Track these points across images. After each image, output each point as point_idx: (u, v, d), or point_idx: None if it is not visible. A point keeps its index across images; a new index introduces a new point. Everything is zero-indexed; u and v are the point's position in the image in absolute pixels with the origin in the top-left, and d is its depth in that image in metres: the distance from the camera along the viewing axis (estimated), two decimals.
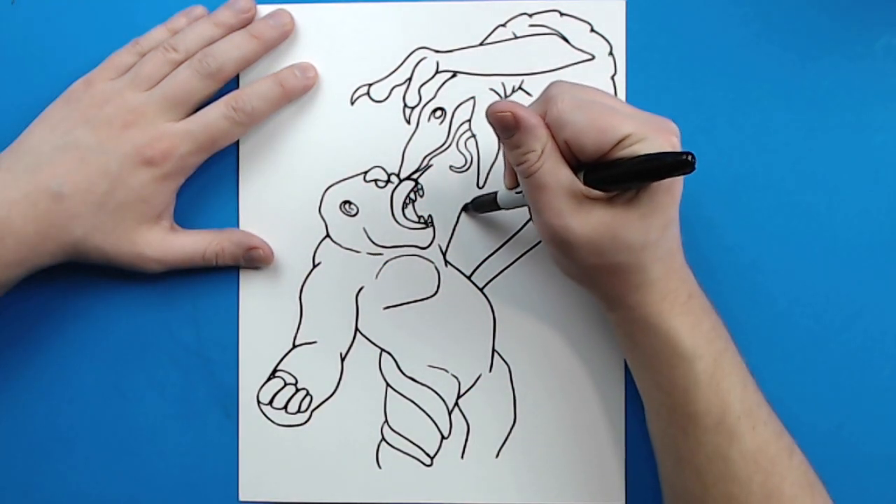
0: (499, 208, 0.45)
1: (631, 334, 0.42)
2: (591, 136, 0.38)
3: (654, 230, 0.39)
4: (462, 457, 0.49)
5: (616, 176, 0.38)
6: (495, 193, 0.45)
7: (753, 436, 0.40)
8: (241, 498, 0.49)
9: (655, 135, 0.38)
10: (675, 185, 0.39)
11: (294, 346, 0.49)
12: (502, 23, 0.49)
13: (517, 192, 0.43)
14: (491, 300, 0.49)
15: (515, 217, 0.48)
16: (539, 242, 0.48)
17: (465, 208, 0.49)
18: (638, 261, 0.40)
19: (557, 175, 0.39)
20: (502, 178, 0.44)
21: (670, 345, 0.41)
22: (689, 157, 0.34)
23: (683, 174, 0.35)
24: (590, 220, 0.39)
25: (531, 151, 0.39)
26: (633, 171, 0.37)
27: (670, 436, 0.42)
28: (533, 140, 0.39)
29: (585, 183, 0.39)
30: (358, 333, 0.49)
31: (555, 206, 0.39)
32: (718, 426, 0.40)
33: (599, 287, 0.42)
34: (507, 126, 0.39)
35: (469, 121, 0.49)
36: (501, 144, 0.41)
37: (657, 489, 0.45)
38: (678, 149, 0.38)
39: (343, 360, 0.49)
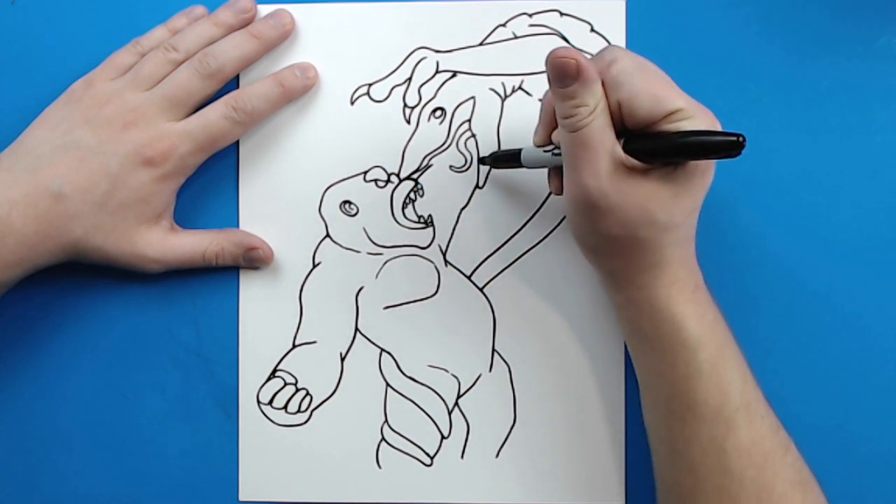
0: (520, 165, 0.45)
1: (636, 318, 0.42)
2: (645, 101, 0.37)
3: (680, 212, 0.39)
4: (462, 457, 0.49)
5: (662, 148, 0.37)
6: (520, 150, 0.44)
7: (749, 430, 0.40)
8: (241, 498, 0.49)
9: (703, 116, 0.38)
10: (709, 172, 0.39)
11: (294, 346, 0.49)
12: (502, 23, 0.49)
13: (545, 151, 0.42)
14: (491, 300, 0.49)
15: (515, 217, 0.48)
16: (539, 242, 0.48)
17: (483, 160, 0.48)
18: (658, 240, 0.39)
19: (603, 135, 0.38)
20: (509, 161, 0.44)
21: (675, 331, 0.41)
22: (741, 139, 0.34)
23: (730, 157, 0.35)
24: (624, 189, 0.38)
25: (584, 105, 0.38)
26: (680, 145, 0.37)
27: (666, 426, 0.42)
28: (589, 94, 0.38)
29: (625, 150, 0.38)
30: (358, 333, 0.49)
31: (595, 166, 0.38)
32: (716, 417, 0.40)
33: (613, 261, 0.42)
34: (567, 73, 0.38)
35: (469, 121, 0.49)
36: (551, 94, 0.40)
37: None
38: None
39: (343, 360, 0.49)
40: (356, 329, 0.49)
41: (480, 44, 0.49)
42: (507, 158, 0.46)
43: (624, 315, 0.44)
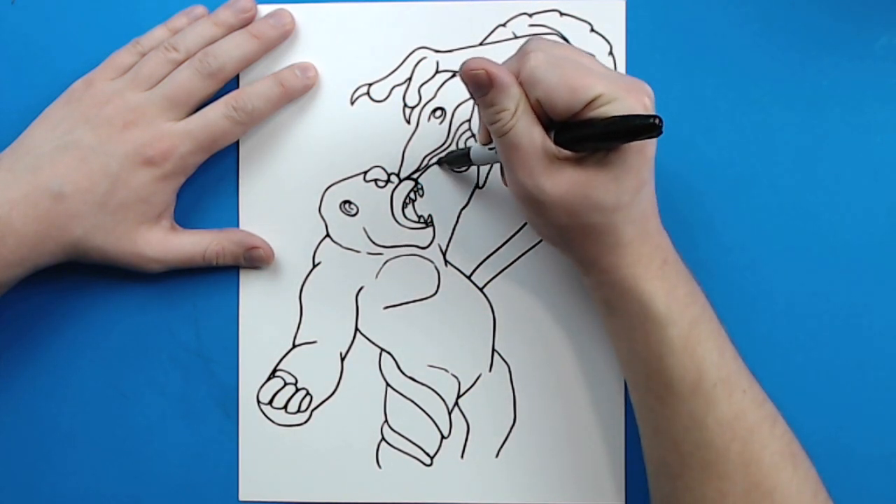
0: (471, 164, 0.46)
1: (607, 300, 0.42)
2: (562, 95, 0.37)
3: (626, 192, 0.39)
4: (462, 457, 0.49)
5: (585, 136, 0.37)
6: (468, 149, 0.45)
7: (730, 403, 0.40)
8: (241, 498, 0.49)
9: (627, 95, 0.37)
10: (647, 147, 0.39)
11: (294, 346, 0.49)
12: (502, 23, 0.49)
13: (490, 149, 0.43)
14: (491, 300, 0.49)
15: (515, 217, 0.48)
16: (539, 242, 0.49)
17: (440, 163, 0.48)
18: (610, 222, 0.39)
19: (531, 134, 0.39)
20: (462, 160, 0.44)
21: (644, 309, 0.40)
22: (657, 121, 0.34)
23: (651, 137, 0.35)
24: (562, 180, 0.38)
25: (505, 110, 0.39)
26: (602, 133, 0.37)
27: (647, 405, 0.42)
28: (507, 99, 0.38)
29: (556, 142, 0.38)
30: (358, 333, 0.49)
31: (528, 165, 0.39)
32: (694, 393, 0.40)
33: (573, 248, 0.42)
34: (480, 84, 0.38)
35: (469, 121, 0.49)
36: (475, 103, 0.40)
37: None
38: (650, 110, 0.38)
39: (343, 359, 0.49)
40: (356, 329, 0.49)
41: (480, 44, 0.49)
42: (459, 159, 0.46)
43: (596, 297, 0.43)
